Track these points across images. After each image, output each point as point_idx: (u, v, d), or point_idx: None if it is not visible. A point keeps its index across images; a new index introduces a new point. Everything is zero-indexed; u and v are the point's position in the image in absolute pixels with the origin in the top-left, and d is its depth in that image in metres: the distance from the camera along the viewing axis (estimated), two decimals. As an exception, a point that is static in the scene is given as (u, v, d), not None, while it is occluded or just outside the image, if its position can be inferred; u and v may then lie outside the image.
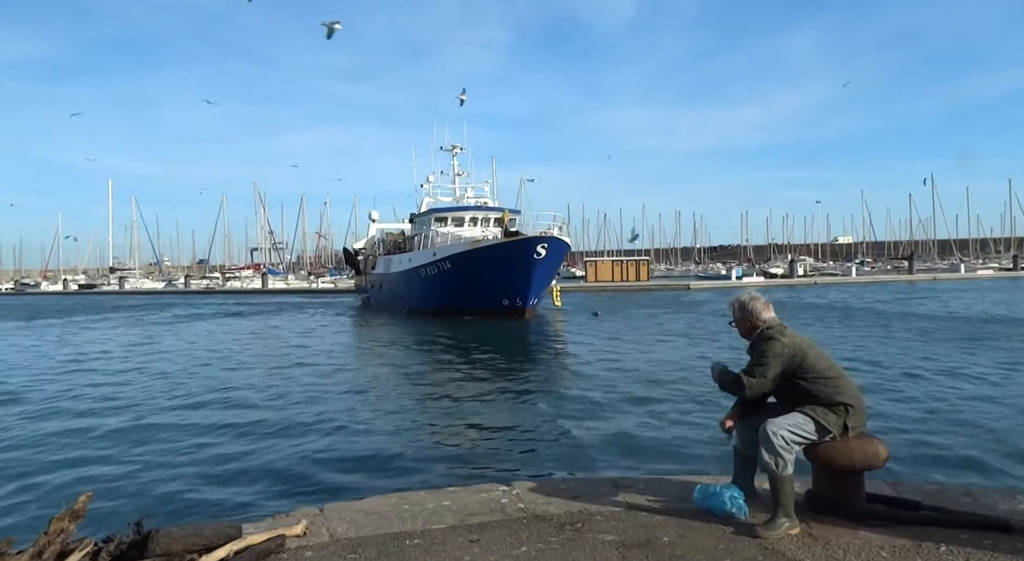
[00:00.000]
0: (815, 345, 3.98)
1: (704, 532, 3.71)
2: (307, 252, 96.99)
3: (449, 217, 35.21)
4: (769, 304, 4.08)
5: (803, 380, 3.84)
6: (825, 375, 3.84)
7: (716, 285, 56.36)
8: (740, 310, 4.10)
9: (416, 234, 36.72)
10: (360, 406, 10.89)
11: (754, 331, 4.04)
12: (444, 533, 3.81)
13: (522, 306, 28.55)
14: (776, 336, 3.89)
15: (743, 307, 4.09)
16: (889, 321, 24.14)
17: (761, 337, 3.96)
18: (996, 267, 72.36)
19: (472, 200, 39.39)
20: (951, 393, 10.87)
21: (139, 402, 11.60)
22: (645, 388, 11.78)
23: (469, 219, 34.99)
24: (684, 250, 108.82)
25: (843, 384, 3.87)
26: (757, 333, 4.01)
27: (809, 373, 3.83)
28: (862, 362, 14.25)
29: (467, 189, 41.05)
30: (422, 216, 37.51)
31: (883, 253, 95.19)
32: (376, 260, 41.48)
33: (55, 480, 7.22)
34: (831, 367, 3.89)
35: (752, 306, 4.06)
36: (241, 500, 6.42)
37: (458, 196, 40.69)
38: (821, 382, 3.82)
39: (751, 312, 4.05)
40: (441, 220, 35.04)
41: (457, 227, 34.09)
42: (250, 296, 58.32)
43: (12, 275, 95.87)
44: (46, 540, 3.22)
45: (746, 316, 4.07)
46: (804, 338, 4.00)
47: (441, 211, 36.35)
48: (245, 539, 3.54)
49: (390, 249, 40.17)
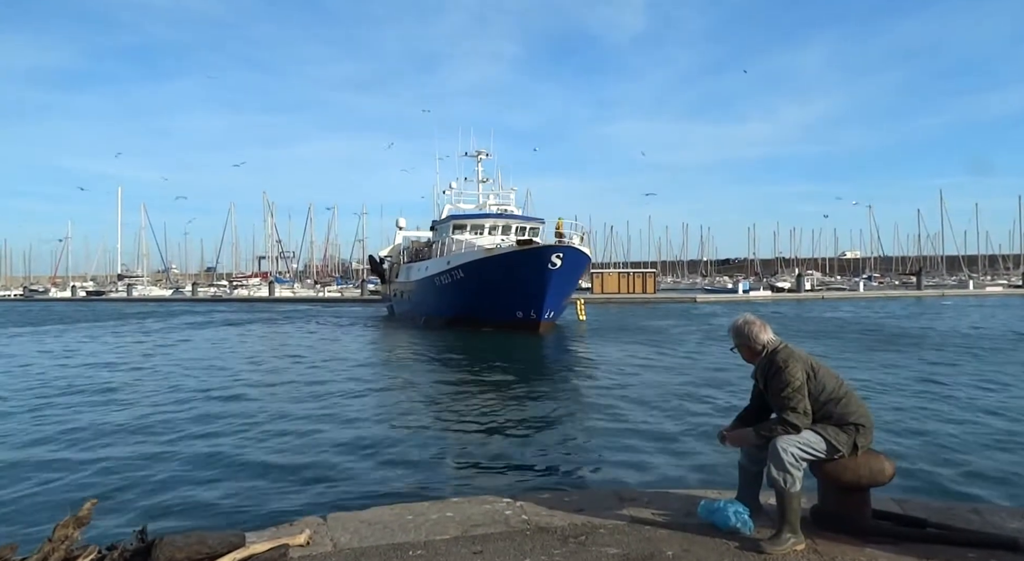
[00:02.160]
0: (822, 363, 3.93)
1: (708, 547, 3.69)
2: (314, 261, 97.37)
3: (469, 224, 33.43)
4: (766, 324, 3.99)
5: (814, 400, 3.78)
6: (835, 396, 3.79)
7: (723, 299, 56.20)
8: (737, 335, 4.02)
9: (435, 242, 35.31)
10: (362, 417, 10.89)
11: (757, 355, 3.97)
12: (447, 544, 3.80)
13: (536, 319, 26.83)
14: (788, 358, 3.80)
15: (739, 332, 4.01)
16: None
17: (773, 363, 3.82)
18: (1005, 284, 71.90)
19: (494, 207, 37.26)
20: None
21: (145, 410, 11.62)
22: (652, 401, 11.72)
23: (490, 227, 32.99)
24: (691, 263, 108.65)
25: (853, 402, 3.82)
26: (765, 358, 3.91)
27: (821, 393, 3.78)
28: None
29: (489, 196, 39.13)
30: (442, 223, 35.74)
31: (891, 268, 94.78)
32: (399, 268, 40.15)
33: (60, 486, 7.24)
34: (840, 386, 3.84)
35: (748, 330, 3.97)
36: (245, 509, 6.42)
37: (481, 203, 38.85)
38: (832, 402, 3.78)
39: (748, 336, 3.96)
40: (460, 227, 33.26)
41: (477, 235, 32.32)
42: (256, 304, 58.46)
43: (21, 281, 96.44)
44: (50, 546, 3.23)
45: (744, 342, 4.00)
46: (810, 355, 3.95)
47: (461, 218, 34.47)
48: (248, 548, 3.54)
49: (412, 257, 38.68)
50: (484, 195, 39.38)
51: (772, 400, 3.85)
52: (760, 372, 3.95)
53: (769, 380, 3.84)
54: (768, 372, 3.85)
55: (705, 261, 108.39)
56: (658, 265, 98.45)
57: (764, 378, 3.90)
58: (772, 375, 3.81)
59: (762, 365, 3.93)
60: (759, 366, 3.96)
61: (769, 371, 3.84)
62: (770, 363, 3.85)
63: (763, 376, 3.91)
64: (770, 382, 3.83)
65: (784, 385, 3.73)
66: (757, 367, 3.99)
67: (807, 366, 3.81)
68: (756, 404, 4.13)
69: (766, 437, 3.78)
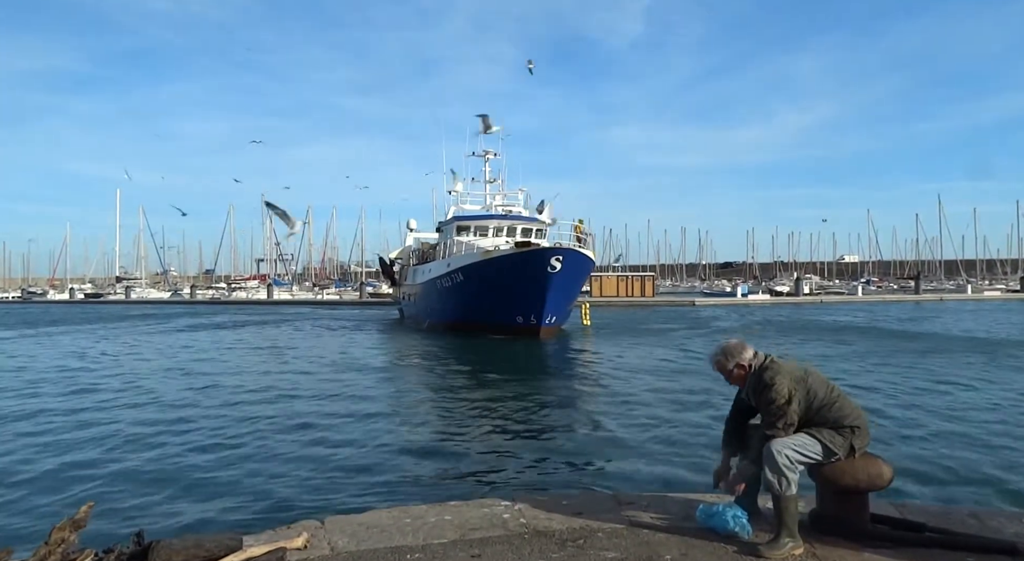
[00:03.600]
0: (812, 370, 3.96)
1: (707, 551, 3.69)
2: (312, 263, 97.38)
3: (472, 226, 32.12)
4: (743, 341, 4.03)
5: (807, 408, 3.80)
6: (827, 401, 3.81)
7: (722, 302, 56.26)
8: (725, 361, 4.00)
9: (438, 244, 34.55)
10: (361, 421, 10.87)
11: (746, 374, 3.97)
12: (445, 548, 3.80)
13: (536, 324, 25.64)
14: (775, 374, 3.80)
15: (724, 359, 3.99)
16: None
17: (761, 380, 3.84)
18: (1003, 288, 71.97)
19: (500, 209, 35.70)
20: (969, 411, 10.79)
21: (141, 412, 11.61)
22: (651, 406, 11.72)
23: (494, 228, 31.60)
24: (689, 266, 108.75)
25: (846, 406, 3.85)
26: (754, 375, 3.92)
27: (813, 400, 3.80)
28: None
29: (495, 196, 37.80)
30: (447, 224, 34.47)
31: (889, 272, 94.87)
32: (408, 271, 39.03)
33: (56, 489, 7.22)
34: (831, 391, 3.87)
35: (733, 352, 3.97)
36: (242, 512, 6.40)
37: (487, 204, 37.29)
38: (825, 408, 3.80)
39: (734, 358, 3.96)
40: (464, 229, 32.00)
41: (481, 237, 30.91)
42: (254, 307, 58.42)
43: (20, 283, 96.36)
44: (47, 550, 3.22)
45: (729, 367, 3.99)
46: (800, 363, 3.98)
47: (464, 219, 33.17)
48: (246, 551, 3.53)
49: (419, 260, 37.56)
50: (491, 196, 38.05)
51: (761, 414, 3.89)
52: (750, 389, 3.97)
53: (758, 396, 3.88)
54: (757, 388, 3.88)
55: (703, 264, 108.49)
56: (657, 268, 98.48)
57: (754, 394, 3.93)
58: (760, 392, 3.85)
59: (751, 382, 3.95)
60: (748, 384, 3.98)
61: (757, 387, 3.87)
62: (758, 380, 3.88)
63: (752, 393, 3.94)
64: (759, 398, 3.87)
65: (770, 402, 3.77)
66: (747, 385, 4.00)
67: (797, 377, 3.83)
68: (735, 414, 4.19)
69: (757, 466, 3.83)
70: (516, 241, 27.77)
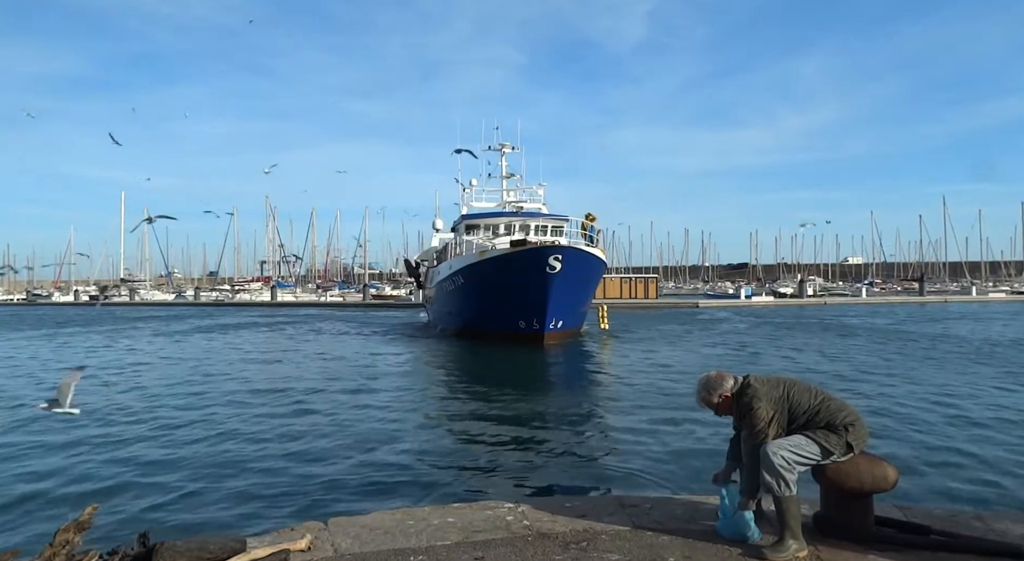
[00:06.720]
0: (793, 380, 4.06)
1: (710, 553, 3.68)
2: (316, 265, 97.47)
3: (482, 224, 29.90)
4: (721, 372, 4.13)
5: (794, 419, 3.88)
6: (813, 407, 3.88)
7: (725, 304, 56.19)
8: (709, 396, 4.08)
9: (448, 244, 32.42)
10: (364, 423, 10.87)
11: (730, 402, 4.06)
12: (448, 550, 3.80)
13: (539, 330, 23.42)
14: (753, 397, 3.90)
15: (708, 394, 4.07)
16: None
17: (742, 405, 3.96)
18: (1008, 290, 71.81)
19: (513, 206, 32.93)
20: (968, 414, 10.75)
21: (145, 414, 11.62)
22: (655, 408, 11.70)
23: (505, 226, 29.11)
24: (692, 268, 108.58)
25: (835, 405, 3.91)
26: (734, 399, 4.02)
27: (798, 410, 3.89)
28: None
29: (509, 193, 35.56)
30: (458, 223, 32.48)
31: (893, 274, 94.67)
32: (430, 273, 36.88)
33: (61, 491, 7.23)
34: (815, 396, 3.94)
35: (714, 386, 4.05)
36: (246, 514, 6.41)
37: (503, 202, 34.98)
38: (813, 413, 3.87)
39: (716, 391, 4.04)
40: (473, 228, 29.91)
41: (492, 236, 28.59)
42: (258, 309, 58.49)
43: (25, 286, 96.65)
44: (51, 551, 3.23)
45: (714, 401, 4.06)
46: (780, 378, 4.08)
47: (473, 218, 31.05)
48: (249, 553, 3.54)
49: (437, 261, 35.30)
50: (506, 193, 35.74)
51: (745, 435, 4.00)
52: (736, 413, 4.09)
53: (742, 420, 4.01)
54: (740, 412, 4.01)
55: (707, 266, 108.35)
56: (660, 270, 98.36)
57: (739, 417, 4.06)
58: (744, 415, 3.97)
59: (735, 409, 4.06)
60: (734, 410, 4.08)
61: (741, 412, 4.00)
62: (739, 405, 4.01)
63: (738, 417, 4.07)
64: (743, 421, 4.00)
65: (752, 425, 3.90)
66: (733, 411, 4.10)
67: (775, 396, 3.92)
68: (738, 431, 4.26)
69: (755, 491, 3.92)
70: (512, 240, 25.53)
